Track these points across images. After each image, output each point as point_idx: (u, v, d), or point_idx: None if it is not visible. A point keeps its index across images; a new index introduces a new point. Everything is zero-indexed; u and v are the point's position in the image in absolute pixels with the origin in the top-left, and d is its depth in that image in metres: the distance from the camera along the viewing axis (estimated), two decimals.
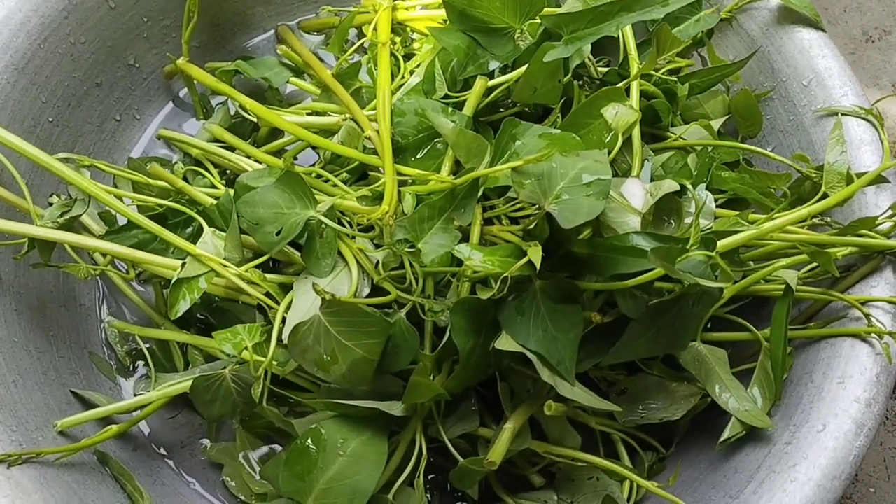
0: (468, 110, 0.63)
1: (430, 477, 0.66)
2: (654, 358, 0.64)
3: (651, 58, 0.59)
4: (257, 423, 0.66)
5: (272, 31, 0.83)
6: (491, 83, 0.64)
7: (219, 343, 0.57)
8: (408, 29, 0.77)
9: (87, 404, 0.64)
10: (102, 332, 0.71)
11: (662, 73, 0.68)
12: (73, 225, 0.62)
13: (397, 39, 0.75)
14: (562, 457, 0.61)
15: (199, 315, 0.69)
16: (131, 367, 0.69)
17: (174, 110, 0.80)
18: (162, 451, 0.67)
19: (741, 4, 0.71)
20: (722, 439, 0.59)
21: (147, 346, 0.68)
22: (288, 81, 0.78)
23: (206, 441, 0.68)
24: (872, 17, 0.91)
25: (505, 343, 0.54)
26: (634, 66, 0.66)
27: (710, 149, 0.66)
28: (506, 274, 0.53)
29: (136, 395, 0.67)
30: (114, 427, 0.60)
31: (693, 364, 0.61)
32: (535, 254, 0.54)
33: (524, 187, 0.53)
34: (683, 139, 0.67)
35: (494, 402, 0.63)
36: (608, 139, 0.59)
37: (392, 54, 0.72)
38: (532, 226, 0.56)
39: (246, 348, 0.56)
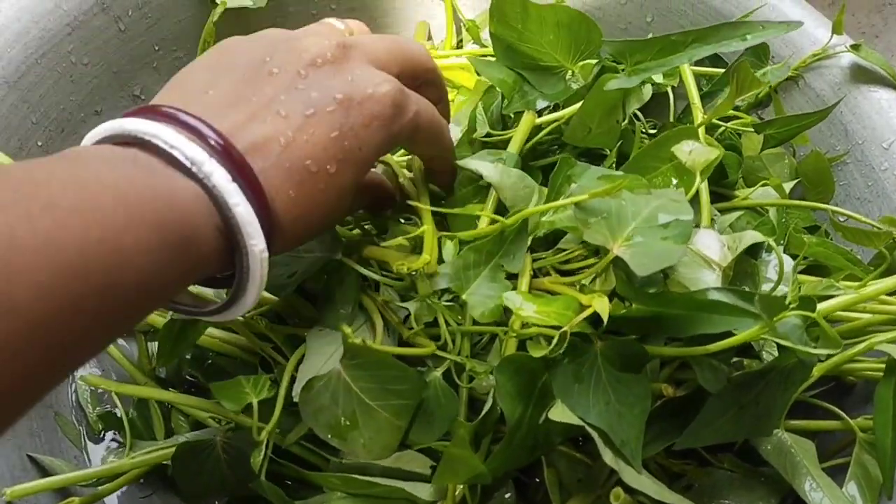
0: (514, 148, 0.55)
1: None
2: (725, 448, 0.54)
3: (729, 96, 0.52)
4: None
5: None
6: (539, 120, 0.56)
7: (217, 396, 0.46)
8: None
9: (45, 472, 0.53)
10: (73, 392, 0.60)
11: (727, 129, 0.61)
12: None
13: None
14: None
15: (188, 376, 0.59)
16: (101, 434, 0.59)
17: None
18: None
19: (809, 62, 0.65)
20: None
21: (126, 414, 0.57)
22: None
23: None
24: None
25: (560, 414, 0.45)
26: (698, 116, 0.59)
27: (784, 211, 0.59)
28: (565, 328, 0.44)
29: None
30: (75, 500, 0.49)
31: (776, 456, 0.51)
32: (602, 304, 0.45)
33: (589, 226, 0.45)
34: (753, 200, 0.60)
35: (533, 493, 0.53)
36: (676, 183, 0.52)
37: None
38: (594, 275, 0.47)
39: (250, 405, 0.46)
